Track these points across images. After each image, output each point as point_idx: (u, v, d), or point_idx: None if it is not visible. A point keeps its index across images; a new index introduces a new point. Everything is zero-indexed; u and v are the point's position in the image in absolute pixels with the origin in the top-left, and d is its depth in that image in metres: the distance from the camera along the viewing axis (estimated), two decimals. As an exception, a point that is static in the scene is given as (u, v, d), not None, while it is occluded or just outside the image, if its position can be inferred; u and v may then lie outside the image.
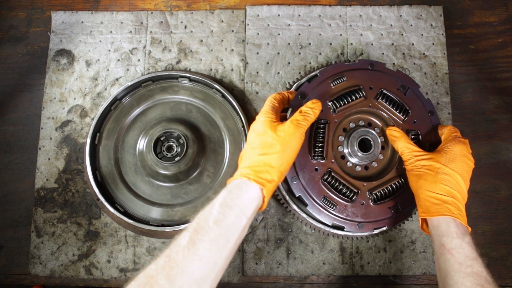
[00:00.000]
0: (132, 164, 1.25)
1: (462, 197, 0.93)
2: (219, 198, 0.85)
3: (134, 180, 1.24)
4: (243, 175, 0.88)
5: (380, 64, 1.11)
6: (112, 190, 1.23)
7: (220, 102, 1.27)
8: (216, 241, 0.79)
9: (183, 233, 0.80)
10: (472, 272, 0.83)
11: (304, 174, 1.04)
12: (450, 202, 0.91)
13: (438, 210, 0.91)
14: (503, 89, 1.34)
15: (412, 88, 1.09)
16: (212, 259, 0.78)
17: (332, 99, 1.07)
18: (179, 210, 1.22)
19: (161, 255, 0.78)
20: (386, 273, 1.23)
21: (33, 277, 1.26)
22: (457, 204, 0.92)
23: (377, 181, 1.07)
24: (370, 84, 1.09)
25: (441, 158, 0.95)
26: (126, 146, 1.26)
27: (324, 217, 1.05)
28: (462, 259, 0.85)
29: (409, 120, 1.08)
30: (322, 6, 1.37)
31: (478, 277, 0.82)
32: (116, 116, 1.27)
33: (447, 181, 0.93)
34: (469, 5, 1.40)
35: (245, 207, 0.85)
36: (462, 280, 0.83)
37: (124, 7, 1.41)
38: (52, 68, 1.36)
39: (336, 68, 1.09)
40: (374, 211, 1.05)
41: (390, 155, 1.12)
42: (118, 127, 1.26)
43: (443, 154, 0.96)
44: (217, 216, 0.82)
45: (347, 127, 1.11)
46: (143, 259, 1.24)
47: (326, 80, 1.08)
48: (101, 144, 1.25)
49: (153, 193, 1.23)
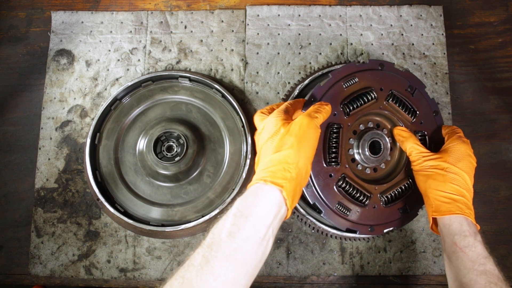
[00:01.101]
0: (132, 164, 1.25)
1: (470, 195, 0.94)
2: (233, 208, 0.78)
3: (134, 180, 1.24)
4: (259, 179, 0.80)
5: (389, 64, 1.08)
6: (112, 190, 1.23)
7: (220, 102, 1.27)
8: (232, 257, 0.72)
9: (197, 250, 0.74)
10: (485, 270, 0.83)
11: (319, 180, 1.00)
12: (461, 201, 0.92)
13: (450, 209, 0.91)
14: (503, 89, 1.34)
15: (419, 88, 1.08)
16: (230, 277, 0.71)
17: (345, 102, 1.03)
18: (179, 210, 1.22)
19: (176, 276, 0.71)
20: (386, 273, 1.23)
21: (33, 277, 1.26)
22: (467, 203, 0.92)
23: (387, 184, 1.05)
24: (380, 85, 1.06)
25: (449, 158, 0.95)
26: (126, 146, 1.26)
27: (338, 223, 1.02)
28: (475, 257, 0.85)
29: (416, 121, 1.07)
30: (322, 6, 1.37)
31: (491, 276, 0.83)
32: (116, 116, 1.27)
33: (456, 180, 0.93)
34: (469, 5, 1.40)
35: (263, 215, 0.77)
36: (476, 278, 0.83)
37: (124, 7, 1.41)
38: (52, 68, 1.36)
39: (348, 69, 1.05)
40: (384, 213, 1.04)
41: (397, 156, 1.10)
42: (118, 127, 1.26)
43: (450, 154, 0.96)
44: (230, 229, 0.74)
45: (357, 130, 1.08)
46: (143, 259, 1.24)
47: (339, 81, 1.04)
48: (101, 144, 1.25)
49: (153, 193, 1.23)
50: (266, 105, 1.31)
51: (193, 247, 1.24)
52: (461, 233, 0.88)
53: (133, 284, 1.25)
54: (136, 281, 1.24)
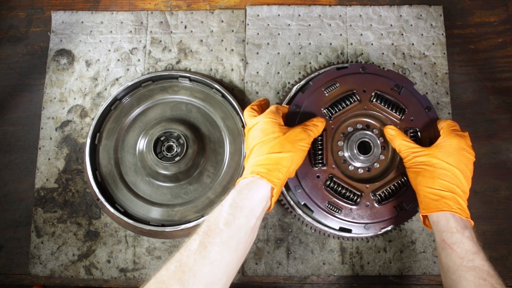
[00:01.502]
0: (132, 164, 1.25)
1: (462, 190, 0.93)
2: (228, 199, 0.85)
3: (134, 180, 1.24)
4: (255, 173, 0.87)
5: (371, 66, 1.12)
6: (112, 190, 1.23)
7: (220, 102, 1.27)
8: (227, 244, 0.79)
9: (193, 236, 0.80)
10: (473, 266, 0.83)
11: (307, 182, 1.06)
12: (449, 197, 0.91)
13: (437, 206, 0.91)
14: (503, 89, 1.34)
15: (407, 86, 1.10)
16: (224, 262, 0.78)
17: (327, 106, 1.09)
18: (179, 210, 1.22)
19: (171, 260, 0.76)
20: (386, 273, 1.23)
21: (33, 277, 1.26)
22: (456, 199, 0.92)
23: (379, 182, 1.07)
24: (363, 87, 1.10)
25: (439, 153, 0.95)
26: (126, 146, 1.26)
27: (330, 221, 1.06)
28: (463, 254, 0.85)
29: (406, 118, 1.09)
30: (322, 6, 1.37)
31: (480, 271, 0.83)
32: (116, 116, 1.27)
33: (445, 176, 0.93)
34: (469, 5, 1.40)
35: (254, 207, 0.85)
36: (465, 274, 0.83)
37: (124, 7, 1.41)
38: (52, 68, 1.36)
39: (328, 76, 1.11)
40: (379, 211, 1.06)
41: (391, 155, 1.12)
42: (118, 127, 1.26)
43: (440, 149, 0.96)
44: (227, 218, 0.81)
45: (346, 132, 1.12)
46: (143, 259, 1.24)
47: (319, 88, 1.10)
48: (101, 144, 1.25)
49: (153, 193, 1.23)
50: (266, 105, 1.32)
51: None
52: (449, 230, 0.89)
53: (133, 284, 1.25)
54: (136, 281, 1.24)
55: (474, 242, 0.87)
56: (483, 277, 0.82)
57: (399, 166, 1.08)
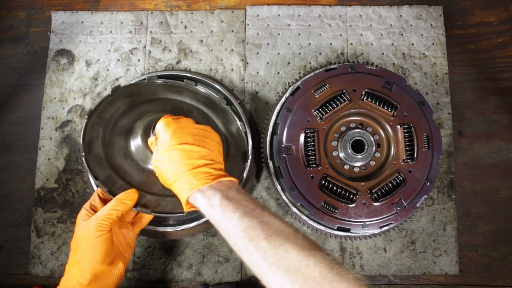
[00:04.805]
0: (122, 147, 1.16)
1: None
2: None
3: (121, 164, 1.16)
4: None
5: (360, 65, 1.14)
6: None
7: (223, 109, 1.23)
8: None
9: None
10: None
11: (301, 183, 1.07)
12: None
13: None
14: (503, 89, 1.34)
15: (398, 82, 1.11)
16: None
17: (317, 108, 1.10)
18: (171, 201, 1.11)
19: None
20: (386, 273, 1.23)
21: (33, 277, 1.26)
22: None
23: (375, 180, 1.08)
24: (353, 87, 1.12)
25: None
26: (117, 129, 1.17)
27: (327, 221, 1.06)
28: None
29: (399, 114, 1.11)
30: (322, 6, 1.37)
31: None
32: (112, 99, 1.13)
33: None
34: (469, 5, 1.40)
35: None
36: None
37: (124, 7, 1.41)
38: (52, 68, 1.36)
39: (317, 78, 1.13)
40: (377, 209, 1.06)
41: (386, 152, 1.13)
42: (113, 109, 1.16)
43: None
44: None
45: (339, 131, 1.13)
46: (143, 259, 1.24)
47: (309, 90, 1.12)
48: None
49: (143, 181, 1.11)
50: (266, 105, 1.31)
51: (193, 247, 1.24)
52: None
53: (133, 284, 1.25)
54: (136, 281, 1.24)
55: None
56: None
57: (395, 162, 1.09)
